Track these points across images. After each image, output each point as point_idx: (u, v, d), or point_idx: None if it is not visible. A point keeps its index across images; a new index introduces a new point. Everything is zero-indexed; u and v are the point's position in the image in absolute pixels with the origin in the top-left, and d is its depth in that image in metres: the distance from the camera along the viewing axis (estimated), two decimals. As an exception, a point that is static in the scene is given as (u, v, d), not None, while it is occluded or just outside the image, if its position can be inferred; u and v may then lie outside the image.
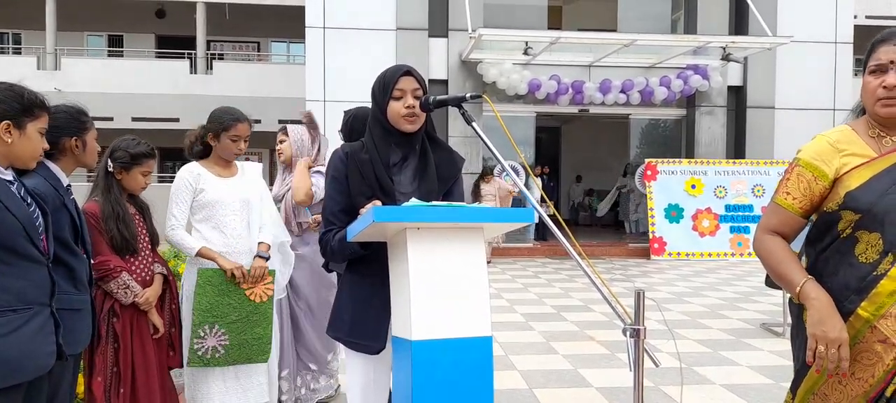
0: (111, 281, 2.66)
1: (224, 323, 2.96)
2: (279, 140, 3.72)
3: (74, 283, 2.17)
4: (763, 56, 12.50)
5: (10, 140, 1.86)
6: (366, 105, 3.19)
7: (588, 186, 19.05)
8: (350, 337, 2.07)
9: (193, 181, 2.99)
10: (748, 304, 7.12)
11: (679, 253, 11.57)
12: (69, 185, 2.31)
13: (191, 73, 18.85)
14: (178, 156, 17.63)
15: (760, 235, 1.83)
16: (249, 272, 3.01)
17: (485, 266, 1.89)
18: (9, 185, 1.86)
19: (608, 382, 4.28)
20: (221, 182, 3.05)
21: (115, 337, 2.70)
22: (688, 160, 12.38)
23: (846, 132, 1.76)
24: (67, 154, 2.34)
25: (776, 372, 4.48)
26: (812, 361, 1.67)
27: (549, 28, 13.81)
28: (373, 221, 1.71)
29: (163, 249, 3.17)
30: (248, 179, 3.16)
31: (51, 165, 2.27)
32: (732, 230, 11.72)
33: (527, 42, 11.45)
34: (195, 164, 3.05)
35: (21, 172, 2.00)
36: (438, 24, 12.33)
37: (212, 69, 19.12)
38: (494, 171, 11.01)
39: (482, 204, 2.27)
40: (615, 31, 13.28)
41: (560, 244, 1.89)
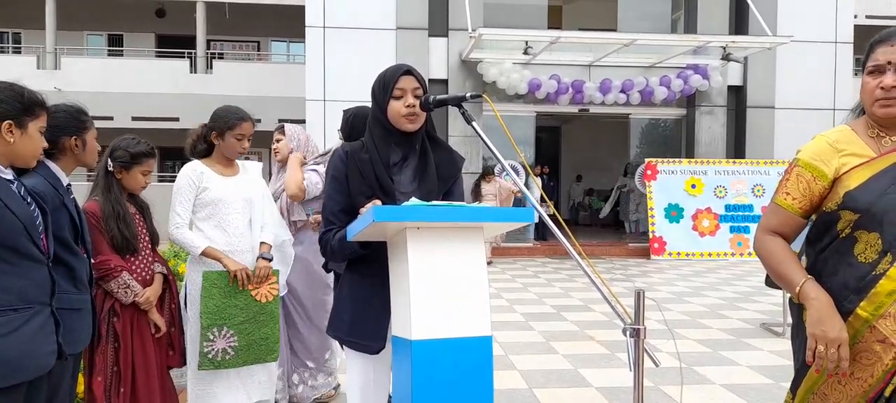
0: (111, 281, 2.66)
1: (232, 325, 2.97)
2: (276, 139, 3.72)
3: (74, 283, 2.17)
4: (763, 56, 12.50)
5: (12, 139, 1.86)
6: (365, 104, 3.20)
7: (588, 186, 19.06)
8: (350, 337, 2.07)
9: (196, 179, 2.99)
10: (748, 304, 7.12)
11: (679, 253, 11.57)
12: (69, 185, 2.30)
13: (191, 73, 18.85)
14: (179, 155, 17.63)
15: (760, 235, 1.83)
16: (254, 273, 3.02)
17: (484, 265, 1.89)
18: (9, 184, 1.86)
19: (608, 382, 4.28)
20: (224, 180, 3.05)
21: (116, 337, 2.70)
22: (688, 160, 12.38)
23: (845, 132, 1.76)
24: (67, 153, 2.34)
25: (776, 372, 4.48)
26: (812, 361, 1.68)
27: (549, 27, 13.81)
28: (373, 221, 1.71)
29: (162, 249, 3.17)
30: (250, 178, 3.17)
31: (51, 165, 2.26)
32: (732, 230, 11.71)
33: (527, 41, 11.45)
34: (198, 163, 3.05)
35: (20, 172, 2.00)
36: (438, 24, 12.33)
37: (212, 68, 19.12)
38: (495, 171, 11.00)
39: (482, 204, 2.27)
40: (615, 31, 13.27)
41: (560, 244, 1.89)
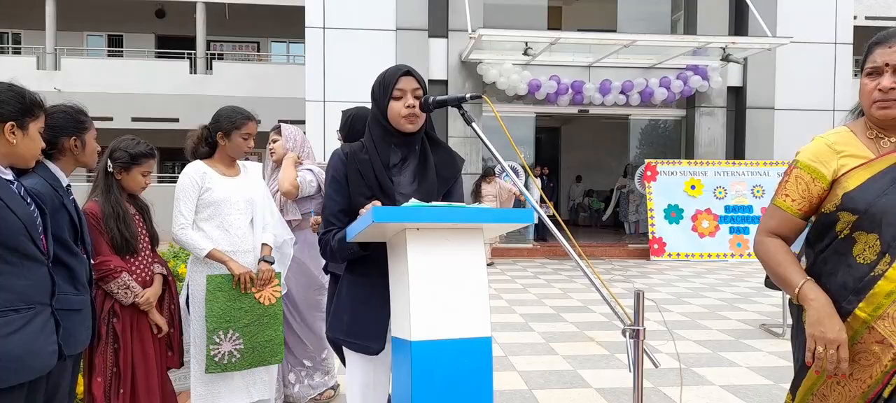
0: (111, 282, 2.66)
1: (238, 328, 2.99)
2: (272, 139, 3.73)
3: (74, 284, 2.17)
4: (763, 57, 12.51)
5: (14, 141, 1.86)
6: (365, 105, 3.20)
7: (588, 187, 19.06)
8: (349, 338, 2.07)
9: (199, 179, 2.99)
10: (747, 305, 7.13)
11: (679, 254, 11.57)
12: (69, 185, 2.30)
13: (190, 73, 18.84)
14: (178, 156, 17.63)
15: (760, 237, 1.84)
16: (257, 275, 3.04)
17: (484, 266, 1.89)
18: (9, 185, 1.86)
19: (607, 383, 4.28)
20: (227, 181, 3.06)
21: (116, 338, 2.70)
22: (687, 161, 12.38)
23: (844, 134, 1.77)
24: (66, 154, 2.33)
25: (775, 373, 4.48)
26: (811, 362, 1.68)
27: (549, 28, 13.83)
28: (372, 222, 1.71)
29: (162, 249, 3.17)
30: (251, 178, 3.17)
31: (50, 165, 2.26)
32: (732, 231, 11.71)
33: (527, 42, 11.45)
34: (201, 163, 3.05)
35: (20, 172, 2.00)
36: (438, 25, 12.34)
37: (211, 69, 19.11)
38: (495, 172, 11.00)
39: (482, 205, 2.27)
40: (615, 32, 13.28)
41: (560, 244, 1.89)
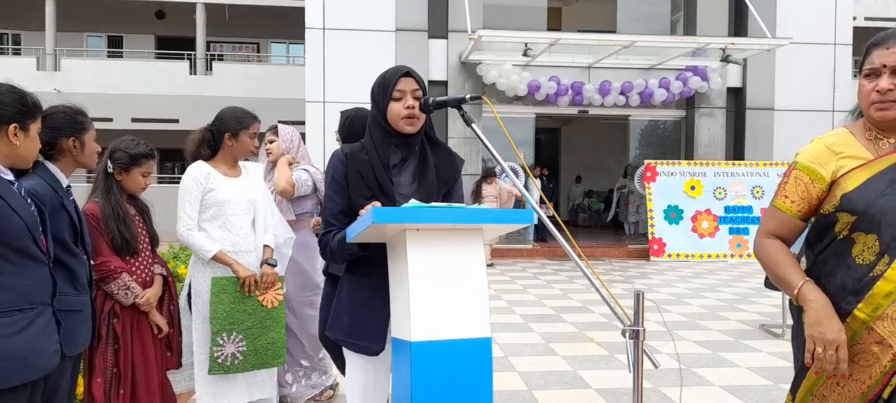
0: (112, 282, 2.66)
1: (241, 330, 3.00)
2: (269, 139, 3.74)
3: (74, 285, 2.17)
4: (762, 57, 12.51)
5: (18, 142, 1.87)
6: (363, 106, 3.20)
7: (587, 187, 19.07)
8: (349, 338, 2.07)
9: (203, 180, 3.00)
10: (747, 306, 7.13)
11: (678, 255, 11.57)
12: (69, 186, 2.30)
13: (190, 74, 18.85)
14: (178, 157, 17.62)
15: (760, 239, 1.84)
16: (261, 279, 3.05)
17: (484, 267, 1.89)
18: (11, 186, 1.87)
19: (607, 383, 4.28)
20: (230, 181, 3.07)
21: (116, 338, 2.70)
22: (687, 161, 12.38)
23: (843, 135, 1.77)
24: (65, 154, 2.33)
25: (775, 374, 4.48)
26: (810, 362, 1.68)
27: (549, 29, 13.83)
28: (372, 222, 1.71)
29: (162, 250, 3.17)
30: (253, 179, 3.18)
31: (50, 166, 2.26)
32: (732, 231, 11.71)
33: (526, 43, 11.46)
34: (203, 164, 3.05)
35: (19, 173, 2.00)
36: (438, 26, 12.34)
37: (211, 70, 19.12)
38: (496, 172, 10.99)
39: (482, 206, 2.27)
40: (614, 33, 13.29)
41: (559, 245, 1.89)
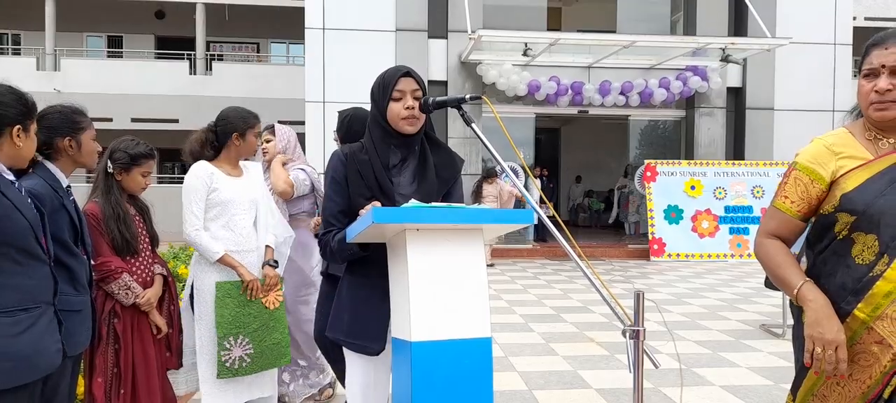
0: (112, 283, 2.66)
1: (247, 333, 3.01)
2: (265, 139, 3.75)
3: (74, 285, 2.17)
4: (762, 57, 12.51)
5: (20, 143, 1.88)
6: (361, 106, 3.21)
7: (587, 187, 19.07)
8: (349, 338, 2.07)
9: (208, 179, 3.00)
10: (747, 305, 7.13)
11: (678, 255, 11.57)
12: (69, 186, 2.30)
13: (190, 74, 18.85)
14: (178, 157, 17.60)
15: (760, 239, 1.84)
16: (263, 282, 3.06)
17: (484, 267, 1.89)
18: (13, 186, 1.87)
19: (607, 383, 4.28)
20: (233, 181, 3.08)
21: (116, 338, 2.70)
22: (687, 161, 12.38)
23: (843, 135, 1.77)
24: (62, 154, 2.31)
25: (775, 374, 4.48)
26: (810, 363, 1.68)
27: (549, 29, 13.83)
28: (372, 222, 1.71)
29: (162, 250, 3.17)
30: (254, 179, 3.19)
31: (50, 166, 2.26)
32: (732, 231, 11.71)
33: (526, 43, 11.46)
34: (207, 163, 3.05)
35: (18, 173, 2.00)
36: (438, 26, 12.34)
37: (211, 70, 19.12)
38: (497, 172, 10.98)
39: (482, 205, 2.27)
40: (614, 33, 13.29)
41: (559, 245, 1.89)
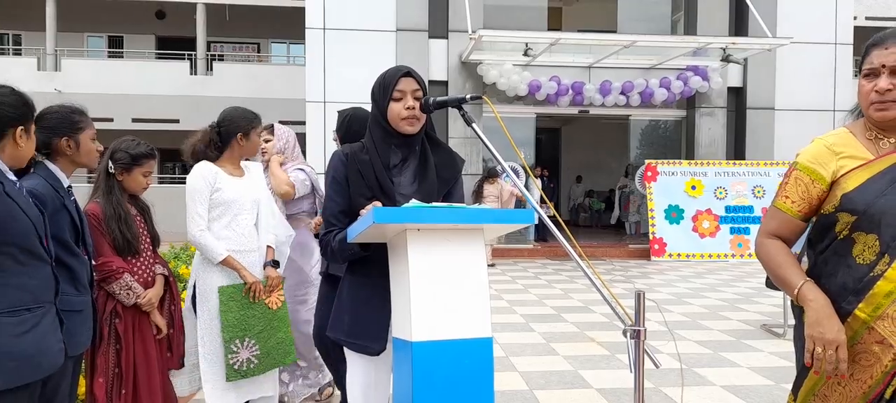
0: (114, 283, 2.66)
1: (253, 334, 3.03)
2: (264, 139, 3.75)
3: (75, 285, 2.17)
4: (763, 57, 12.50)
5: (23, 143, 1.88)
6: (360, 105, 3.21)
7: (588, 187, 19.07)
8: (350, 338, 2.07)
9: (212, 179, 3.00)
10: (748, 305, 7.12)
11: (679, 255, 11.57)
12: (70, 186, 2.30)
13: (191, 74, 18.86)
14: (179, 157, 17.59)
15: (761, 239, 1.84)
16: (265, 284, 3.07)
17: (485, 267, 1.89)
18: (16, 186, 1.87)
19: (608, 383, 4.28)
20: (236, 181, 3.08)
21: (118, 338, 2.70)
22: (688, 161, 12.38)
23: (843, 135, 1.77)
24: (61, 154, 2.31)
25: (776, 373, 4.48)
26: (810, 363, 1.68)
27: (549, 29, 13.83)
28: (373, 222, 1.71)
29: (162, 250, 3.18)
30: (255, 179, 3.19)
31: (51, 166, 2.26)
32: (732, 231, 11.71)
33: (527, 43, 11.46)
34: (210, 164, 3.05)
35: (19, 173, 2.00)
36: (438, 26, 12.34)
37: (212, 70, 19.13)
38: (498, 172, 10.97)
39: (483, 205, 2.27)
40: (615, 33, 13.28)
41: (560, 245, 1.89)
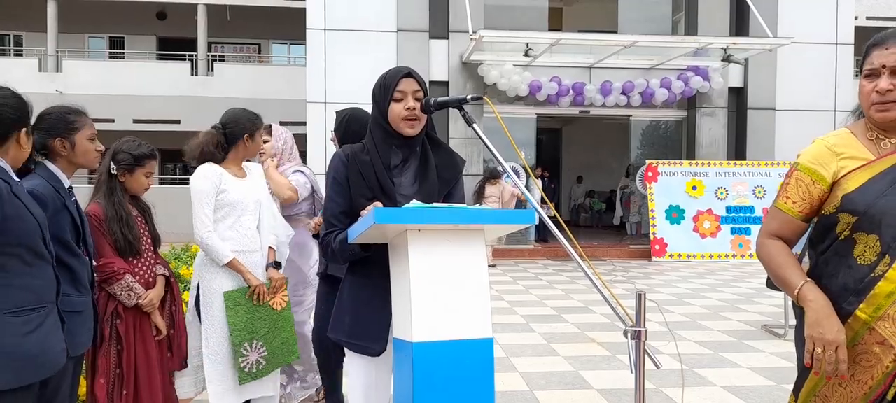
0: (115, 283, 2.66)
1: (260, 336, 3.05)
2: (263, 140, 3.75)
3: (76, 285, 2.17)
4: (764, 57, 12.50)
5: (25, 145, 1.89)
6: (359, 106, 3.21)
7: (589, 187, 19.06)
8: (351, 339, 2.07)
9: (217, 180, 3.00)
10: (749, 306, 7.12)
11: (680, 255, 11.56)
12: (71, 187, 2.30)
13: (192, 75, 18.88)
14: (180, 157, 17.62)
15: (762, 239, 1.84)
16: (268, 286, 3.09)
17: (485, 267, 1.89)
18: (21, 187, 1.88)
19: (609, 384, 4.28)
20: (239, 182, 3.09)
21: (119, 339, 2.70)
22: (688, 161, 12.37)
23: (844, 135, 1.77)
24: (57, 155, 2.30)
25: (777, 374, 4.48)
26: (810, 363, 1.68)
27: (550, 29, 13.84)
28: (374, 223, 1.71)
29: (162, 251, 3.18)
30: (256, 180, 3.20)
31: (51, 166, 2.26)
32: (733, 231, 11.70)
33: (527, 43, 11.47)
34: (214, 165, 3.05)
35: (20, 173, 2.01)
36: (439, 26, 12.35)
37: (213, 71, 19.14)
38: (500, 172, 10.95)
39: (484, 206, 2.27)
40: (616, 33, 13.29)
41: (561, 245, 1.89)
